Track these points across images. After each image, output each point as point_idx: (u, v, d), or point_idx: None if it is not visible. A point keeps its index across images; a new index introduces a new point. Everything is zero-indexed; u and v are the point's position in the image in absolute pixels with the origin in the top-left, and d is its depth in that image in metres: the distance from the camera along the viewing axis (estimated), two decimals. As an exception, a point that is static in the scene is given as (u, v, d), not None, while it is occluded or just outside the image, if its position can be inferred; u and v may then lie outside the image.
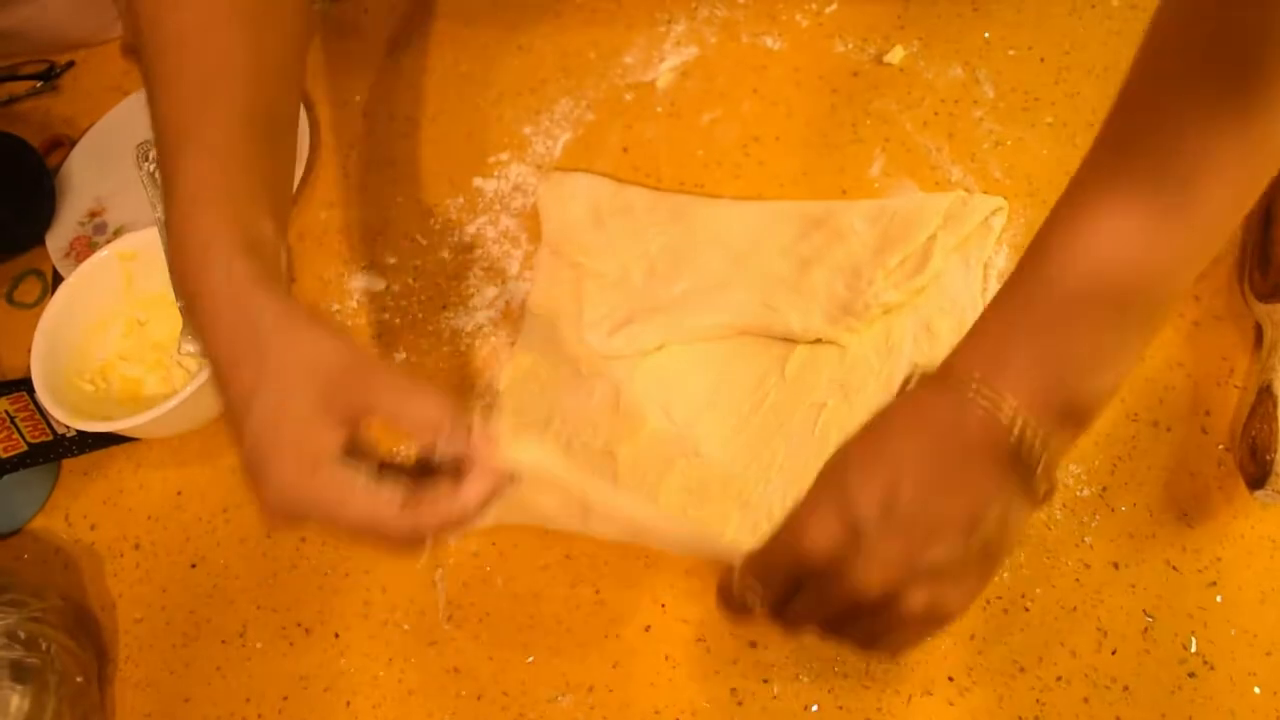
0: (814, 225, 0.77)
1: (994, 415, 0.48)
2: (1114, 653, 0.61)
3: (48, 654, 0.69)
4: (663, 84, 0.90)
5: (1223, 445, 0.65)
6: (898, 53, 0.85)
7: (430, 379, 0.80)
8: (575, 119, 0.90)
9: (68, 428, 0.81)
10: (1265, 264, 0.67)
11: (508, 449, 0.52)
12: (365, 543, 0.53)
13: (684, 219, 0.80)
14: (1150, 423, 0.66)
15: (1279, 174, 0.49)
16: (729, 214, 0.80)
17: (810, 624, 0.53)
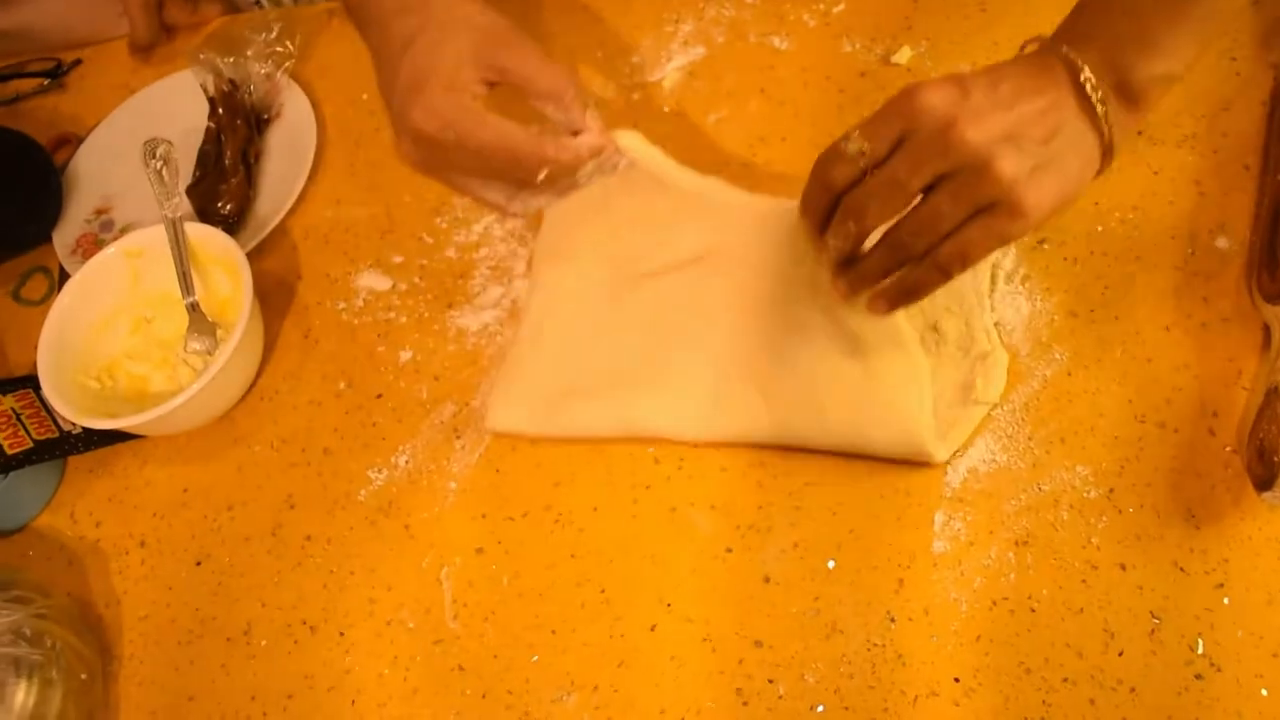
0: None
1: (1074, 66, 0.59)
2: (1121, 654, 0.61)
3: (53, 650, 0.69)
4: (670, 84, 0.90)
5: (1230, 447, 0.65)
6: (905, 53, 0.85)
7: (436, 378, 0.80)
8: (582, 118, 0.90)
9: (74, 425, 0.81)
10: (1273, 265, 0.67)
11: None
12: (493, 162, 0.63)
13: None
14: (1158, 424, 0.66)
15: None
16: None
17: (897, 190, 0.59)
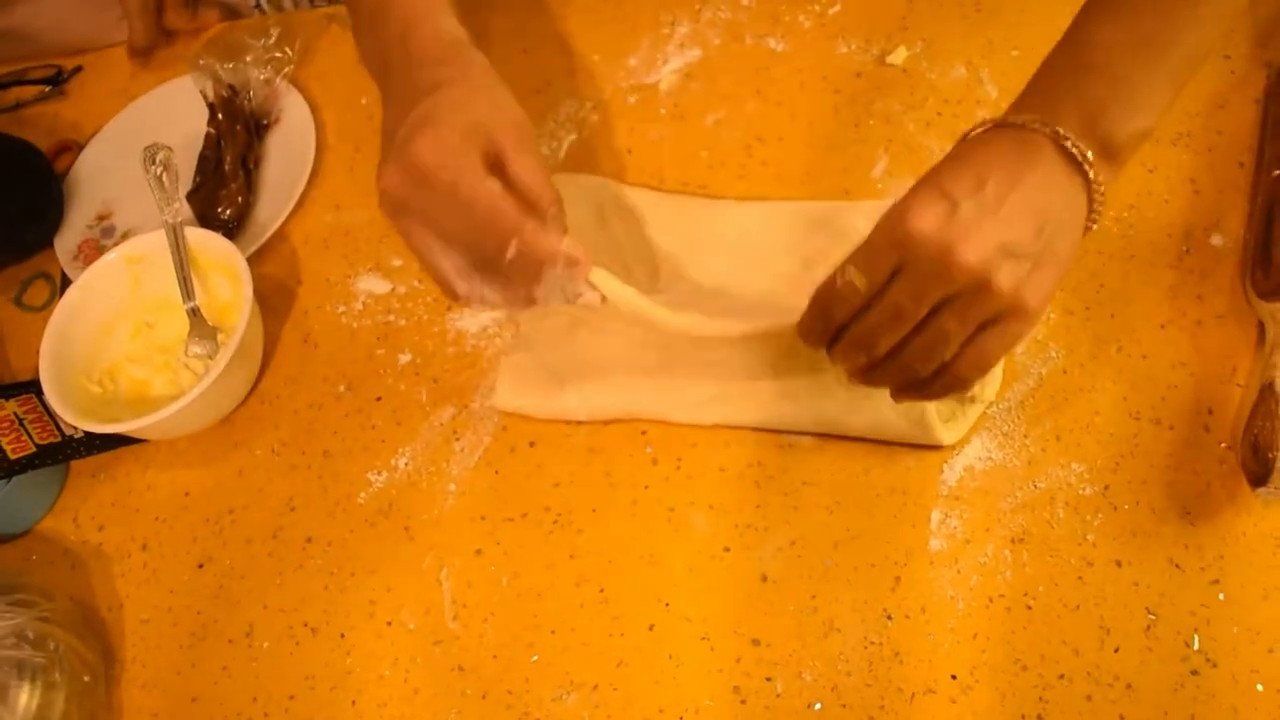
0: (817, 226, 0.77)
1: (1053, 136, 0.57)
2: (1117, 650, 0.61)
3: (56, 654, 0.70)
4: (666, 85, 0.90)
5: (1225, 444, 0.65)
6: (901, 53, 0.85)
7: (435, 380, 0.80)
8: (579, 120, 0.90)
9: (76, 429, 0.81)
10: (1268, 263, 0.67)
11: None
12: (472, 217, 0.61)
13: (687, 220, 0.81)
14: (1153, 421, 0.67)
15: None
16: (732, 215, 0.80)
17: (902, 321, 0.58)
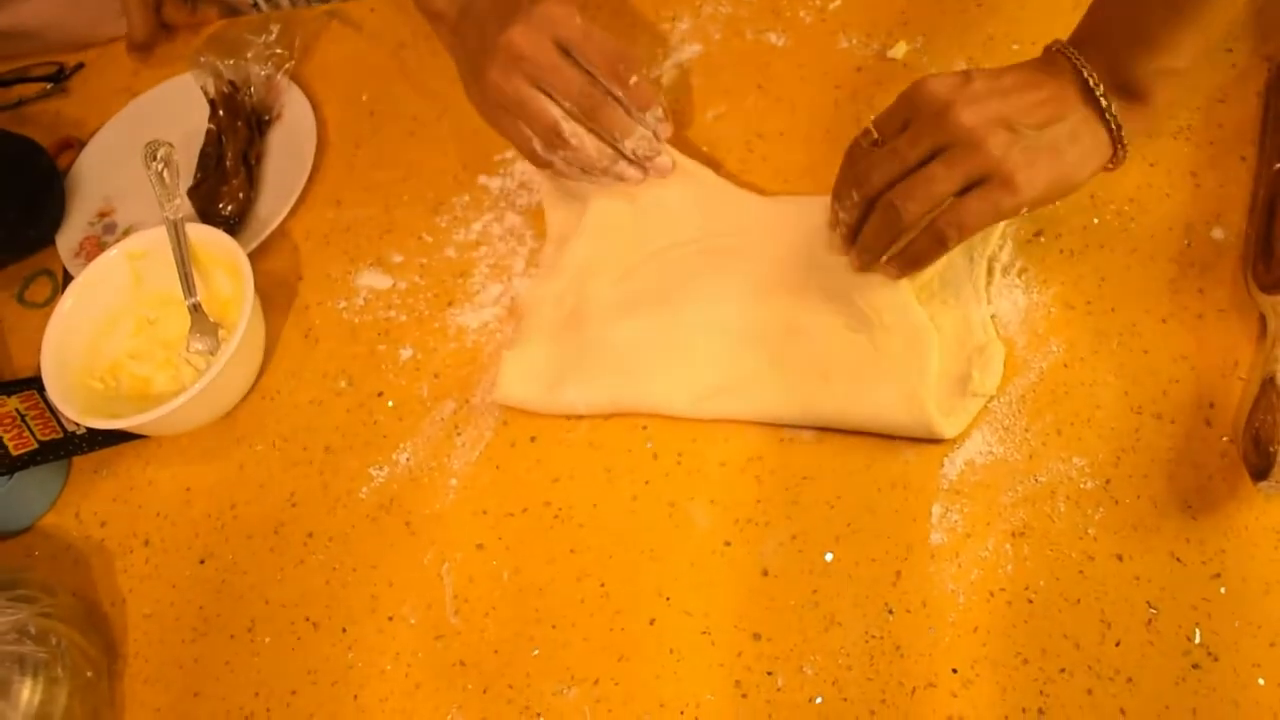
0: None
1: (1077, 65, 0.64)
2: (1118, 644, 0.61)
3: (58, 649, 0.70)
4: (667, 80, 0.90)
5: (1227, 437, 0.65)
6: (901, 48, 0.85)
7: (437, 375, 0.80)
8: (580, 116, 0.90)
9: (78, 425, 0.81)
10: (1269, 256, 0.67)
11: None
12: (597, 60, 0.74)
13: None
14: (1154, 415, 0.66)
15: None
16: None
17: (896, 159, 0.65)
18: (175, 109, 1.01)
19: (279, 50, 1.00)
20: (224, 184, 0.92)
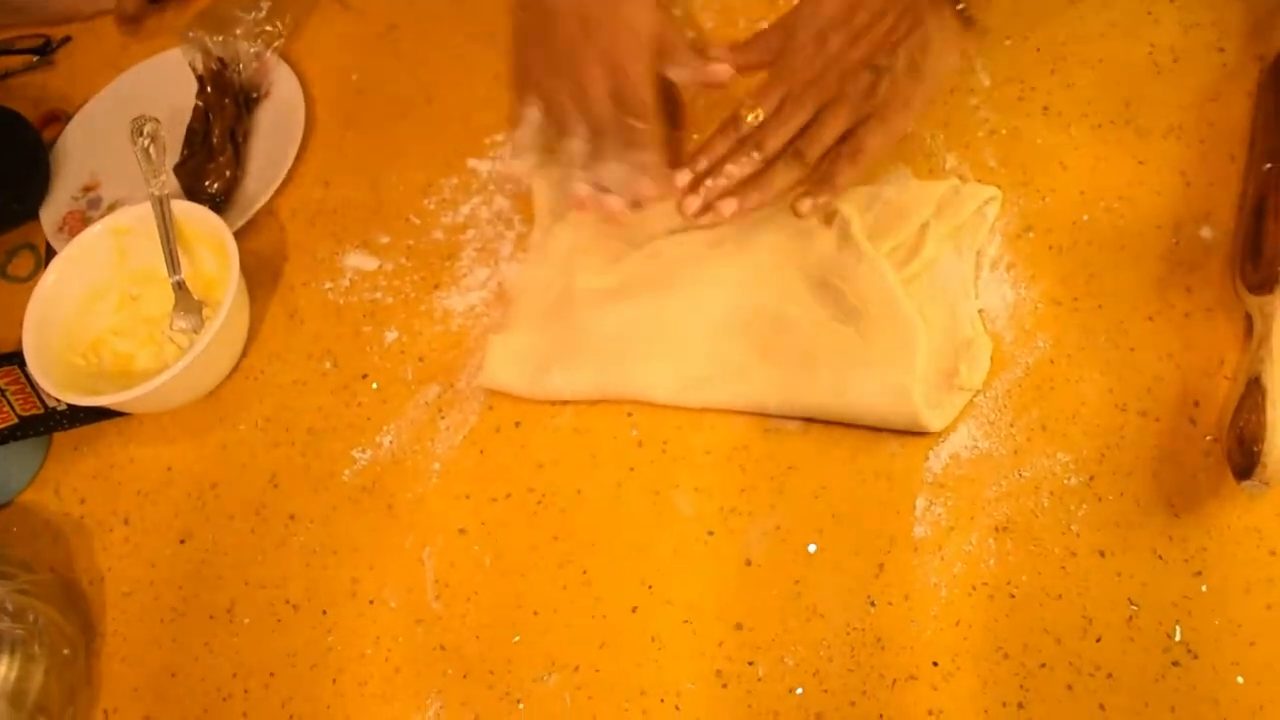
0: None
1: None
2: (1098, 640, 0.61)
3: (35, 626, 0.69)
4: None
5: (1211, 436, 0.65)
6: (895, 40, 0.85)
7: (422, 359, 0.80)
8: (571, 102, 0.89)
9: (59, 401, 0.81)
10: (1256, 255, 0.67)
11: None
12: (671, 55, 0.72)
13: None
14: (1139, 413, 0.66)
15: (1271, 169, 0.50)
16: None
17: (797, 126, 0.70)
18: (163, 84, 1.01)
19: (269, 27, 0.99)
20: (210, 161, 0.92)
